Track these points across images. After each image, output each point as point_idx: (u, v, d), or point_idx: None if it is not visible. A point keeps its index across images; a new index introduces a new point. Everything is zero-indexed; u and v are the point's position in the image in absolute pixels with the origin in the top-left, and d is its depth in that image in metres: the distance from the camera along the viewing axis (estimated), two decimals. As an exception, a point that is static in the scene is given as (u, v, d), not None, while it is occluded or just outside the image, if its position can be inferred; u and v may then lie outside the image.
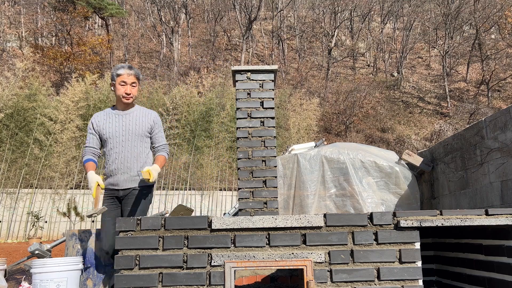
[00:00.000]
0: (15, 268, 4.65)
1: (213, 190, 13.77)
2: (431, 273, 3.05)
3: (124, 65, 3.25)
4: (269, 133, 3.01)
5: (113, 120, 3.25)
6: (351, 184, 5.72)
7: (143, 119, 3.26)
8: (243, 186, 2.92)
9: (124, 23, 31.82)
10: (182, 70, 27.86)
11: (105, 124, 3.26)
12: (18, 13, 30.23)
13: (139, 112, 3.29)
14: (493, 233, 2.32)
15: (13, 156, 13.08)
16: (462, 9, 27.81)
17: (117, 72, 3.19)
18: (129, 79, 3.18)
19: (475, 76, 28.18)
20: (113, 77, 3.22)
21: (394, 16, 32.73)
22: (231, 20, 33.98)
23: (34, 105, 13.50)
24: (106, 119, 3.27)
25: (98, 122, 3.28)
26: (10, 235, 11.60)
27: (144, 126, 3.24)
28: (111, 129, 3.24)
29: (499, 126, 4.51)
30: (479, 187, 4.92)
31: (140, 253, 2.01)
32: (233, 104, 14.99)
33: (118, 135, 3.22)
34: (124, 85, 3.18)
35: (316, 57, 31.59)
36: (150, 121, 3.27)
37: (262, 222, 2.04)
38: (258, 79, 3.07)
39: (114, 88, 3.23)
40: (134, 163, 3.19)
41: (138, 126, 3.23)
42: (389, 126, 23.83)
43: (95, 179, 3.01)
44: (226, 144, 15.01)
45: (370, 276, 2.00)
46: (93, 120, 3.32)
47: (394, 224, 2.06)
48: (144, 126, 3.24)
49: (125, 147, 3.20)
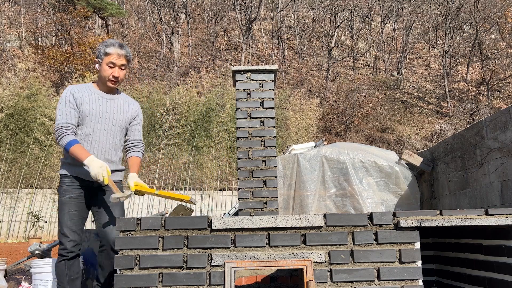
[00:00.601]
0: (15, 268, 4.65)
1: (213, 190, 13.77)
2: (431, 273, 3.05)
3: (115, 42, 2.77)
4: (269, 133, 3.01)
5: (97, 102, 2.76)
6: (351, 184, 5.72)
7: (127, 108, 2.87)
8: (243, 186, 2.92)
9: (124, 23, 31.83)
10: (182, 70, 27.86)
11: (88, 104, 2.72)
12: (18, 13, 30.23)
13: (123, 100, 2.89)
14: (493, 233, 2.32)
15: (13, 156, 13.08)
16: (462, 9, 27.81)
17: (105, 50, 2.72)
18: (119, 61, 2.73)
19: (475, 76, 28.17)
20: (100, 55, 2.74)
21: (394, 16, 32.73)
22: (231, 20, 33.99)
23: (34, 105, 13.51)
24: (89, 98, 2.74)
25: (80, 98, 2.71)
26: (10, 235, 11.60)
27: (128, 116, 2.86)
28: (94, 111, 2.73)
29: (499, 126, 4.51)
30: (479, 187, 4.92)
31: (140, 253, 2.01)
32: (233, 104, 14.99)
33: (101, 121, 2.74)
34: (112, 67, 2.72)
35: (316, 57, 31.59)
36: (132, 111, 2.89)
37: (262, 222, 2.04)
38: (258, 79, 3.07)
39: (100, 67, 2.74)
40: (114, 157, 2.80)
41: (123, 116, 2.83)
42: (389, 126, 23.83)
43: (102, 163, 2.56)
44: (226, 144, 15.02)
45: (370, 276, 2.01)
46: (73, 91, 2.72)
47: (394, 224, 2.06)
48: (128, 117, 2.86)
49: (108, 136, 2.76)
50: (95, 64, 2.80)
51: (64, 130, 2.59)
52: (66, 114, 2.65)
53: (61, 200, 2.67)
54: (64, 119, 2.63)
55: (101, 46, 2.75)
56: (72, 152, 2.56)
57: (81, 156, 2.55)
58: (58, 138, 2.61)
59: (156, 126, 15.24)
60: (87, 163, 2.54)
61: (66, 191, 2.67)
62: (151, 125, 15.42)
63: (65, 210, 2.63)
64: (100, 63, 2.74)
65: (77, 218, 2.66)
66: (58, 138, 2.60)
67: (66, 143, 2.57)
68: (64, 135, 2.59)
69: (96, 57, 2.79)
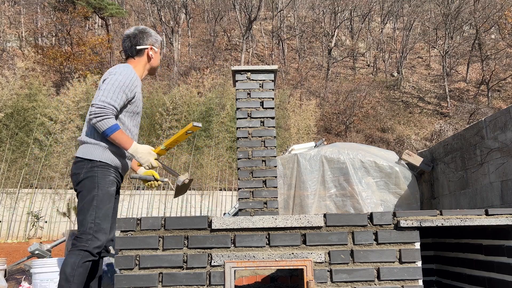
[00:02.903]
0: (15, 268, 4.65)
1: (213, 190, 13.77)
2: (431, 273, 3.05)
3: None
4: (269, 133, 3.01)
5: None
6: (351, 184, 5.72)
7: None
8: (243, 186, 2.92)
9: (124, 23, 31.81)
10: (182, 70, 27.88)
11: (140, 95, 2.54)
12: (18, 13, 30.24)
13: None
14: (493, 233, 2.32)
15: (13, 156, 13.08)
16: (462, 9, 27.83)
17: (159, 41, 2.65)
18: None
19: (475, 76, 28.19)
20: (157, 42, 2.62)
21: (394, 16, 32.74)
22: (231, 20, 33.99)
23: (34, 105, 13.51)
24: (141, 92, 2.57)
25: (139, 94, 2.51)
26: (10, 235, 11.60)
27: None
28: (141, 103, 2.58)
29: (499, 126, 4.51)
30: (479, 187, 4.92)
31: (140, 253, 2.01)
32: (233, 104, 14.99)
33: (141, 112, 2.62)
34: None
35: (316, 57, 31.59)
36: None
37: (262, 222, 2.04)
38: (258, 79, 3.07)
39: (155, 55, 2.60)
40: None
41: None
42: (389, 126, 23.84)
43: (148, 148, 2.39)
44: (226, 144, 15.02)
45: (370, 276, 2.01)
46: (137, 80, 2.47)
47: (394, 224, 2.06)
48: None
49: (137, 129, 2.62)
50: (149, 50, 2.58)
51: (108, 112, 2.26)
52: (117, 97, 2.32)
53: (105, 190, 2.34)
54: (114, 102, 2.30)
55: (154, 35, 2.62)
56: (116, 137, 2.28)
57: (126, 143, 2.30)
58: (98, 117, 2.25)
59: (156, 126, 15.24)
60: (133, 150, 2.32)
61: (112, 183, 2.39)
62: (151, 125, 15.43)
63: (106, 203, 2.34)
64: (154, 51, 2.59)
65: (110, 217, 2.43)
66: (99, 118, 2.25)
67: (109, 127, 2.26)
68: (108, 117, 2.26)
69: (151, 44, 2.59)
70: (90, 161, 2.34)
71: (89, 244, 2.25)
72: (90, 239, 2.25)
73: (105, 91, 2.30)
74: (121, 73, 2.37)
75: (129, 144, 2.31)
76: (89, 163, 2.34)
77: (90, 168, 2.34)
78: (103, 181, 2.34)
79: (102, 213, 2.31)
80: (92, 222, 2.28)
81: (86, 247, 2.24)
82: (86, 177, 2.33)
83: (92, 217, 2.28)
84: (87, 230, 2.27)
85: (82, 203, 2.31)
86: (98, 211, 2.30)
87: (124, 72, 2.39)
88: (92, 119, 2.25)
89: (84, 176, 2.33)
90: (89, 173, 2.33)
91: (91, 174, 2.33)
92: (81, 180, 2.34)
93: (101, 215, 2.30)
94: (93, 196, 2.30)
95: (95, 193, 2.31)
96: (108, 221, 2.36)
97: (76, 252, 2.23)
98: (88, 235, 2.26)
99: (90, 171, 2.33)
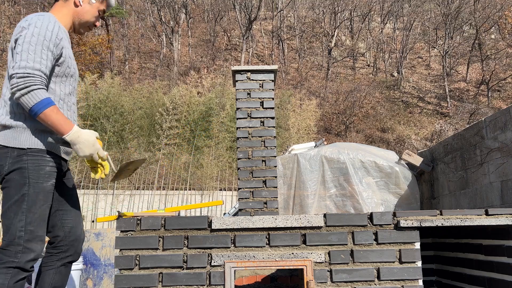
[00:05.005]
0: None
1: (213, 190, 13.77)
2: (431, 273, 3.05)
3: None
4: (269, 133, 3.01)
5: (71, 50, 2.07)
6: (351, 184, 5.72)
7: None
8: (243, 186, 2.92)
9: (124, 23, 31.81)
10: (182, 70, 27.88)
11: (69, 51, 2.00)
12: (18, 13, 30.24)
13: None
14: (493, 233, 2.32)
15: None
16: (462, 9, 27.84)
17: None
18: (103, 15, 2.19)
19: (475, 76, 28.19)
20: None
21: (394, 16, 32.74)
22: (231, 20, 33.99)
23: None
24: (69, 45, 2.02)
25: (67, 49, 1.96)
26: (10, 235, 11.59)
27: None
28: (73, 62, 2.04)
29: (499, 126, 4.51)
30: (479, 187, 4.92)
31: (140, 253, 2.01)
32: (233, 104, 15.00)
33: (76, 77, 2.08)
34: (99, 16, 2.13)
35: (316, 57, 31.60)
36: None
37: (262, 222, 2.04)
38: (258, 79, 3.07)
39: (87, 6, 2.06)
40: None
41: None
42: (389, 126, 23.83)
43: (93, 135, 1.87)
44: (226, 144, 15.02)
45: (370, 276, 2.01)
46: (60, 30, 1.91)
47: (394, 224, 2.06)
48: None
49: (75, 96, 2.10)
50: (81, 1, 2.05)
51: (35, 81, 1.74)
52: (41, 57, 1.79)
53: (39, 187, 1.83)
54: (38, 64, 1.77)
55: None
56: (48, 116, 1.75)
57: (63, 125, 1.77)
58: (22, 89, 1.73)
59: (156, 126, 15.24)
60: (73, 137, 1.79)
61: (50, 175, 1.88)
62: (151, 125, 15.43)
63: (41, 203, 1.84)
64: (90, 3, 2.07)
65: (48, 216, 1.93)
66: (23, 90, 1.73)
67: (39, 101, 1.73)
68: (36, 88, 1.74)
69: None
70: (16, 149, 1.82)
71: (19, 258, 1.76)
72: (20, 251, 1.76)
73: (22, 54, 1.75)
74: (37, 25, 1.81)
75: (67, 127, 1.78)
76: (15, 151, 1.81)
77: (17, 157, 1.81)
78: (35, 175, 1.82)
79: (36, 217, 1.81)
80: (22, 230, 1.78)
81: (15, 262, 1.75)
82: (13, 170, 1.80)
83: (22, 222, 1.78)
84: (16, 240, 1.77)
85: (8, 204, 1.80)
86: (30, 215, 1.80)
87: (40, 22, 1.82)
88: (15, 92, 1.73)
89: (10, 169, 1.80)
90: (16, 164, 1.80)
91: (19, 166, 1.80)
92: (7, 173, 1.81)
93: (34, 220, 1.81)
94: (22, 196, 1.79)
95: (26, 191, 1.79)
96: (45, 225, 1.87)
97: (3, 271, 1.73)
98: (18, 246, 1.76)
99: (17, 162, 1.81)
